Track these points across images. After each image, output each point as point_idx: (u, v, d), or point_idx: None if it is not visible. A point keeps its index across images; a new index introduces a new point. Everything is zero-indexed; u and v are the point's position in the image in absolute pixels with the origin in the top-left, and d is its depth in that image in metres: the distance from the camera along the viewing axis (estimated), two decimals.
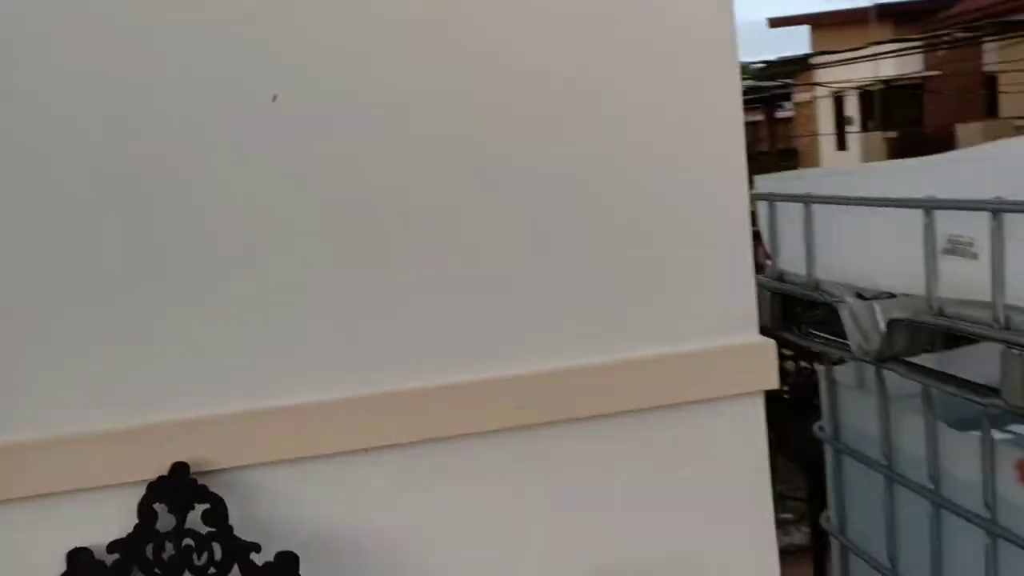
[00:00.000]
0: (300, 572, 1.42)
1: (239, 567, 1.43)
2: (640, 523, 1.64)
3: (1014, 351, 1.49)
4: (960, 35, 13.68)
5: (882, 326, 1.90)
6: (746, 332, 1.65)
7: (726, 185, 1.55)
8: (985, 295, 1.57)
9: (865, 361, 1.98)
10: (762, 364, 1.65)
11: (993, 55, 13.88)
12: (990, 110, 14.88)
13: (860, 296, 1.97)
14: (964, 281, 1.62)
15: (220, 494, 1.43)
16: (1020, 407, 1.49)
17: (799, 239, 2.00)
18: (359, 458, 1.51)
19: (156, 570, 1.42)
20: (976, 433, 1.78)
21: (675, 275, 1.59)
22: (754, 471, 1.69)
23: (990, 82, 14.85)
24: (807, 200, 2.03)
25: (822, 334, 2.11)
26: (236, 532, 1.43)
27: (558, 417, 1.59)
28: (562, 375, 1.54)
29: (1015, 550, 1.71)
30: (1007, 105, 14.11)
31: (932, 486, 1.92)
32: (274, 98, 1.33)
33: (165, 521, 1.46)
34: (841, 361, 2.25)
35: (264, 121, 1.34)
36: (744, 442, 1.69)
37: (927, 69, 15.77)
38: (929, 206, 1.66)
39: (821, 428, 2.35)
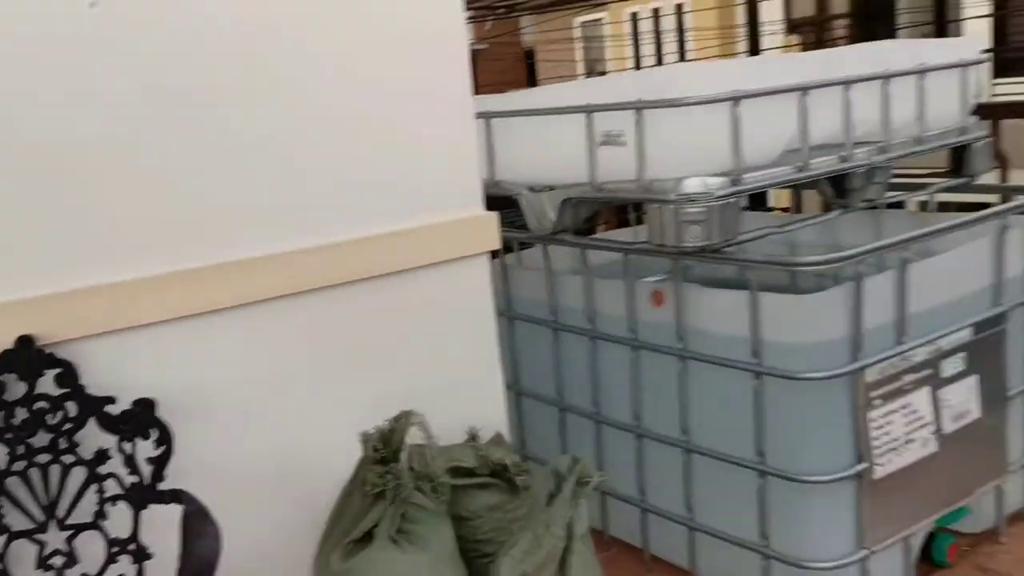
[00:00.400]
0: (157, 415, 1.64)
1: (96, 420, 1.61)
2: (405, 361, 2.08)
3: (654, 205, 2.16)
4: (499, 9, 15.37)
5: (551, 211, 2.52)
6: (472, 208, 2.16)
7: (450, 101, 2.08)
8: (632, 173, 2.23)
9: (541, 239, 2.58)
10: (486, 232, 2.17)
11: (531, 29, 15.93)
12: (531, 79, 17.07)
13: (533, 189, 2.56)
14: (617, 165, 2.26)
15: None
16: (660, 243, 2.17)
17: (505, 150, 2.54)
18: (176, 325, 1.76)
19: (8, 435, 1.54)
20: (621, 281, 2.47)
21: (414, 167, 2.07)
22: (484, 311, 2.21)
23: (529, 54, 17.02)
24: (487, 116, 2.56)
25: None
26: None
27: (322, 284, 1.97)
28: (323, 250, 1.95)
29: (654, 357, 2.42)
30: (544, 73, 16.35)
31: (589, 326, 2.59)
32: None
33: (16, 390, 1.59)
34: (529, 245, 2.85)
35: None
36: (477, 289, 2.21)
37: (476, 42, 17.53)
38: (589, 110, 2.27)
39: None
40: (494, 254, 2.89)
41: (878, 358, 2.14)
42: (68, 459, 1.57)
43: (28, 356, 1.54)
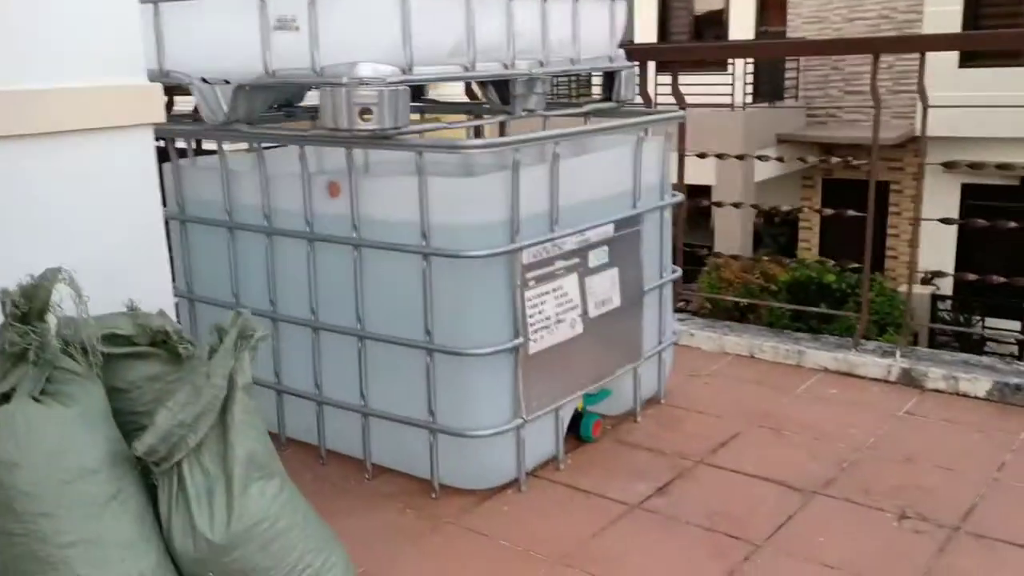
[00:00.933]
0: None
1: None
2: (58, 232, 1.97)
3: (327, 88, 2.21)
4: None
5: (224, 100, 2.47)
6: (134, 78, 2.08)
7: None
8: (306, 59, 2.25)
9: (215, 131, 2.52)
10: (149, 102, 2.10)
11: None
12: None
13: (205, 81, 2.50)
14: (290, 51, 2.28)
15: None
16: (328, 127, 2.22)
17: (178, 38, 2.44)
18: None
19: None
20: (296, 172, 2.49)
21: (69, 24, 1.96)
22: (148, 187, 2.14)
23: None
24: (154, 0, 2.46)
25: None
26: None
27: None
28: None
29: (329, 250, 2.47)
30: None
31: (267, 223, 2.58)
32: None
33: None
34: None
35: None
36: (140, 163, 2.13)
37: None
38: None
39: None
40: (166, 157, 2.78)
41: (533, 241, 2.35)
42: None
43: None
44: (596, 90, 9.86)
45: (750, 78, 11.86)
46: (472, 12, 2.37)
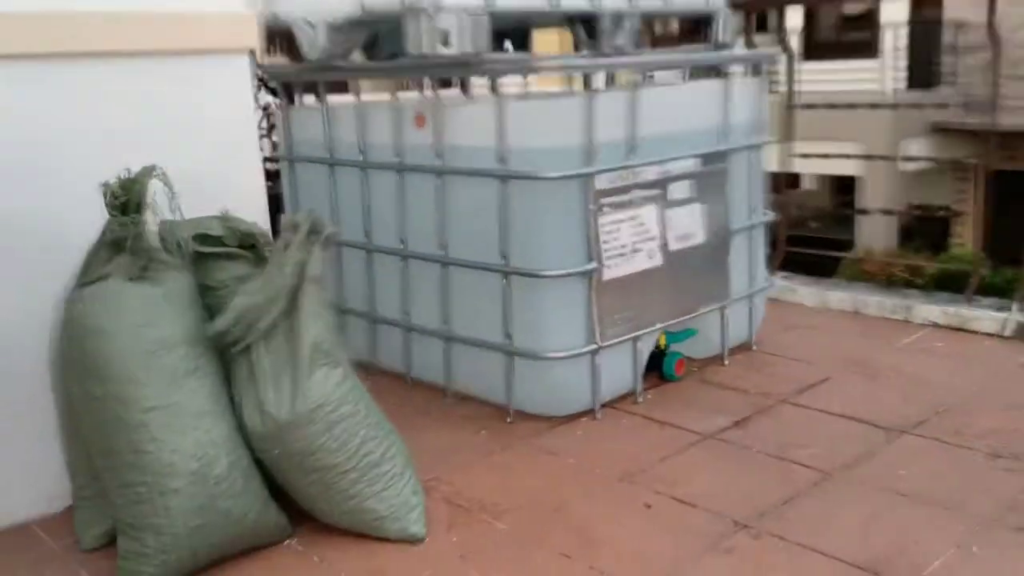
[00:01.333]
0: None
1: None
2: (160, 143, 2.14)
3: (411, 16, 2.31)
4: None
5: (322, 37, 2.63)
6: (232, 3, 2.25)
7: None
8: None
9: (315, 66, 2.68)
10: (245, 28, 2.26)
11: None
12: None
13: (308, 22, 2.66)
14: None
15: None
16: (414, 54, 2.32)
17: None
18: None
19: None
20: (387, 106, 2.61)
21: None
22: (244, 106, 2.31)
23: None
24: None
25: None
26: None
27: (89, 50, 2.02)
28: (89, 16, 1.99)
29: (418, 176, 2.58)
30: None
31: (361, 157, 2.72)
32: None
33: None
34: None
35: None
36: (237, 84, 2.29)
37: None
38: None
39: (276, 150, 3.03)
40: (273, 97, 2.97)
41: (608, 167, 2.38)
42: None
43: None
44: None
45: (902, 63, 11.29)
46: None
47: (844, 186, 12.19)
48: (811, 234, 11.11)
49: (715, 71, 2.85)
